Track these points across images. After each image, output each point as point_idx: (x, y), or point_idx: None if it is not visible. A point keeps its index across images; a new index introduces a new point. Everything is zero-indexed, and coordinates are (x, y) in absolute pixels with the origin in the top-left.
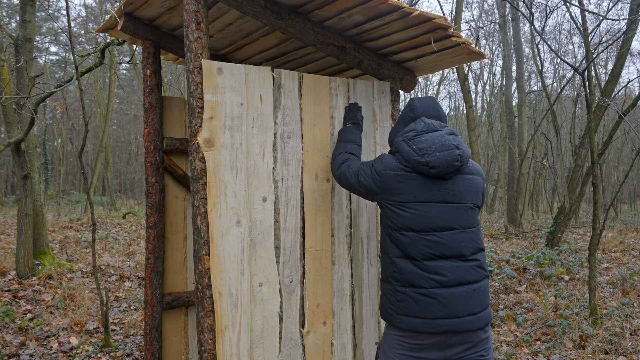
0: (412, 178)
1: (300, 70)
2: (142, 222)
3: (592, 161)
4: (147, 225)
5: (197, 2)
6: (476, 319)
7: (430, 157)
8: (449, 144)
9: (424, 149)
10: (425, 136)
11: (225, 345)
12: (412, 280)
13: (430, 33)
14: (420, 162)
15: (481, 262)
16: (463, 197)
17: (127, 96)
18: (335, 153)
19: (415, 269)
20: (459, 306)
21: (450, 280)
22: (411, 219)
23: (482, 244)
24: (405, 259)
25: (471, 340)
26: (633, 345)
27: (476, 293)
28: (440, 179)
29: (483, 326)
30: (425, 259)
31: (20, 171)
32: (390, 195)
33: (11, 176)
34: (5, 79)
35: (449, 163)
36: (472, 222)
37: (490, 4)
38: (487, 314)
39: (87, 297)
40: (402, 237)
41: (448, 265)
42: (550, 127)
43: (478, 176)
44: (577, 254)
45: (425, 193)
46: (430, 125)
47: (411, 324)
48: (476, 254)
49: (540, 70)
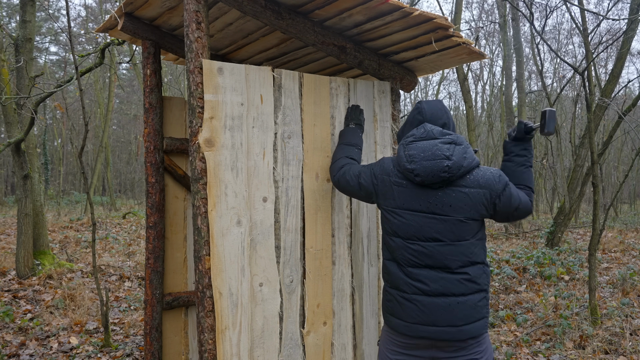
0: (403, 185)
1: (300, 70)
2: (142, 222)
3: (592, 161)
4: (147, 225)
5: (198, 2)
6: (457, 332)
7: (416, 165)
8: (439, 154)
9: (413, 156)
10: (419, 143)
11: (225, 345)
12: (397, 284)
13: (431, 33)
14: (407, 169)
15: (471, 276)
16: (453, 210)
17: (127, 96)
18: (336, 156)
19: (401, 274)
20: (439, 316)
21: (432, 289)
22: (398, 226)
23: (476, 257)
24: (393, 262)
25: (457, 345)
26: (633, 345)
27: (460, 306)
28: (430, 189)
29: (465, 339)
30: (410, 265)
31: (20, 171)
32: (384, 199)
33: (11, 176)
34: (5, 79)
35: (434, 173)
36: (462, 235)
37: (490, 4)
38: (473, 327)
39: (87, 297)
40: (391, 242)
41: (431, 275)
42: None
43: (477, 189)
44: (577, 254)
45: (414, 202)
46: (429, 133)
47: (394, 324)
48: (465, 267)
49: (540, 70)
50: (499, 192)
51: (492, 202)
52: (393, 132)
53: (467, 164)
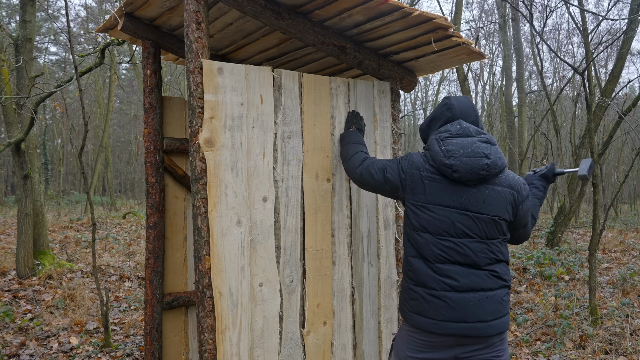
0: (436, 180)
1: (300, 70)
2: (142, 222)
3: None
4: (147, 225)
5: (198, 2)
6: (486, 327)
7: (456, 161)
8: (479, 152)
9: (452, 152)
10: (457, 139)
11: (225, 345)
12: (424, 281)
13: (431, 33)
14: (445, 164)
15: (499, 273)
16: (486, 207)
17: (127, 96)
18: (350, 153)
19: (428, 270)
20: (469, 312)
21: (462, 285)
22: (429, 221)
23: (503, 256)
24: (419, 259)
25: (484, 343)
26: (633, 345)
27: (489, 300)
28: (464, 186)
29: (494, 334)
30: (438, 262)
31: (20, 171)
32: (413, 194)
33: (11, 176)
34: (5, 79)
35: (473, 170)
36: (493, 234)
37: (490, 4)
38: (501, 322)
39: (87, 297)
40: (419, 238)
41: (461, 270)
42: (550, 127)
43: (508, 189)
44: (577, 254)
45: (447, 197)
46: (466, 130)
47: (420, 322)
48: (492, 264)
49: (540, 70)
50: (523, 197)
51: (516, 206)
52: (393, 132)
53: (501, 164)
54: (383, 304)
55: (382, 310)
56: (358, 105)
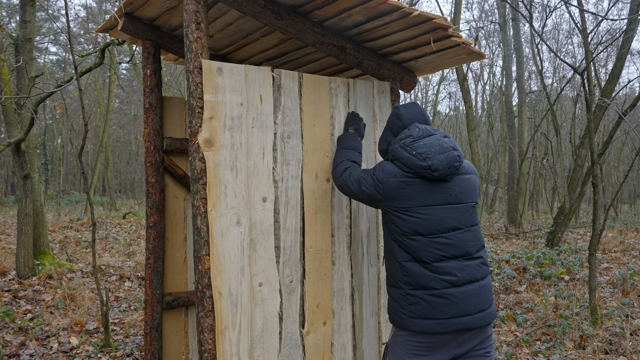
0: (416, 183)
1: (300, 70)
2: (142, 222)
3: (592, 161)
4: (147, 225)
5: (197, 2)
6: (485, 315)
7: (432, 161)
8: (447, 146)
9: (425, 153)
10: (423, 141)
11: (225, 345)
12: (423, 283)
13: (430, 33)
14: (423, 167)
15: (484, 259)
16: (464, 196)
17: (127, 96)
18: (337, 161)
19: (426, 272)
20: (470, 304)
21: (460, 279)
22: (418, 224)
23: (483, 240)
24: (414, 262)
25: (480, 336)
26: (633, 345)
27: (483, 290)
28: (441, 181)
29: (491, 321)
30: (435, 260)
31: (20, 171)
32: (395, 202)
33: (11, 176)
34: (5, 79)
35: (449, 164)
36: (474, 220)
37: (491, 4)
38: (493, 309)
39: (87, 297)
40: (411, 242)
41: (457, 264)
42: (550, 127)
43: (473, 175)
44: (577, 254)
45: (430, 197)
46: (424, 130)
47: (424, 326)
48: (480, 251)
49: (540, 70)
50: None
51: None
52: None
53: (461, 154)
54: (383, 304)
55: (381, 310)
56: (358, 106)
